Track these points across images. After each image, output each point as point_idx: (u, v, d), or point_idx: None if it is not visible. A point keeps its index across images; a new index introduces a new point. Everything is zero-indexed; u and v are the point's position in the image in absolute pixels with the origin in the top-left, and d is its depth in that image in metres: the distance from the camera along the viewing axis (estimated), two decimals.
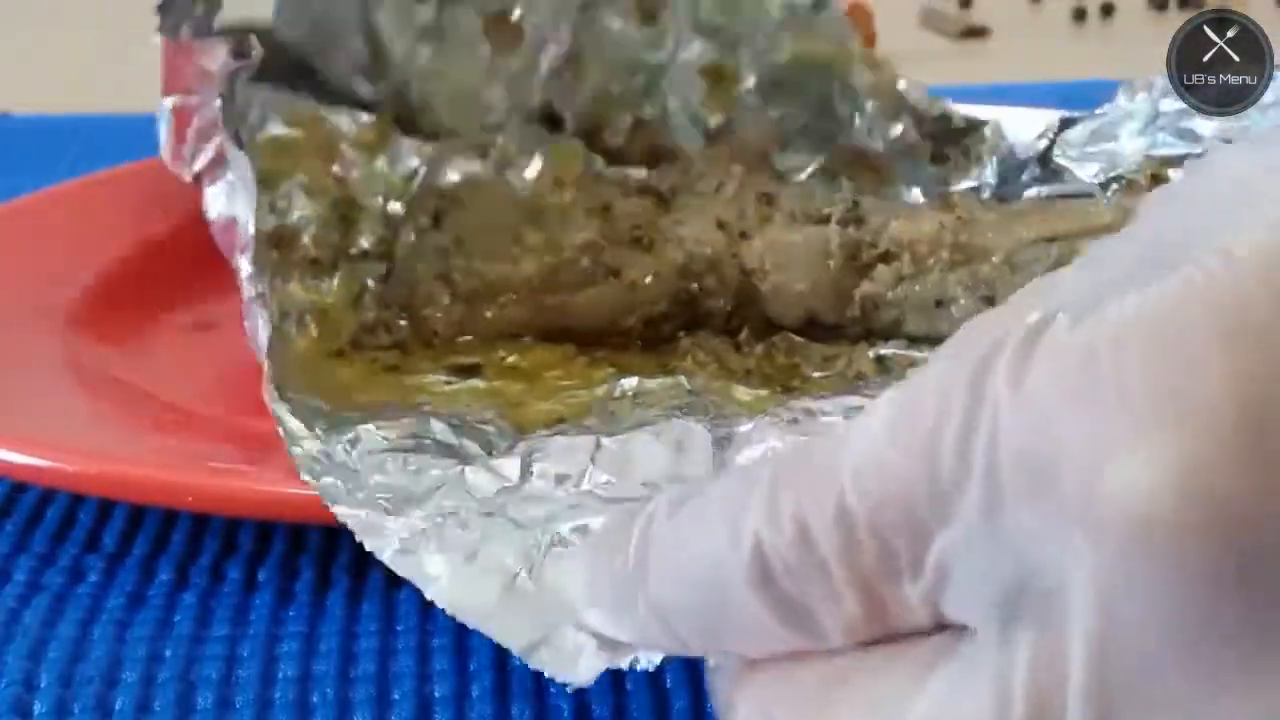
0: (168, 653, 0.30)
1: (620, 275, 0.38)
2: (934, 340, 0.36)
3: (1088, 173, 0.41)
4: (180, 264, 0.45)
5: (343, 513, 0.29)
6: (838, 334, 0.38)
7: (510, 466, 0.31)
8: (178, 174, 0.40)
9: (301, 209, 0.42)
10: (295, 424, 0.32)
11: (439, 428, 0.33)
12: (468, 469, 0.31)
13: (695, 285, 0.38)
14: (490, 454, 0.32)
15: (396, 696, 0.29)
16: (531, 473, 0.31)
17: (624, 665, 0.24)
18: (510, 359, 0.38)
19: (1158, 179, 0.39)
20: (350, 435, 0.32)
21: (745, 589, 0.19)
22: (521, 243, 0.40)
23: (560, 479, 0.31)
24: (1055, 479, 0.17)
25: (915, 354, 0.37)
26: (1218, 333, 0.16)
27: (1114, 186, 0.40)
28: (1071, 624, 0.17)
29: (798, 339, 0.39)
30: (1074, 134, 0.42)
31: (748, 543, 0.19)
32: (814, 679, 0.20)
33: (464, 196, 0.43)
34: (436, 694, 0.29)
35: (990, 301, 0.35)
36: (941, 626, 0.19)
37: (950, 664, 0.18)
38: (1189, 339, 0.16)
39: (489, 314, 0.39)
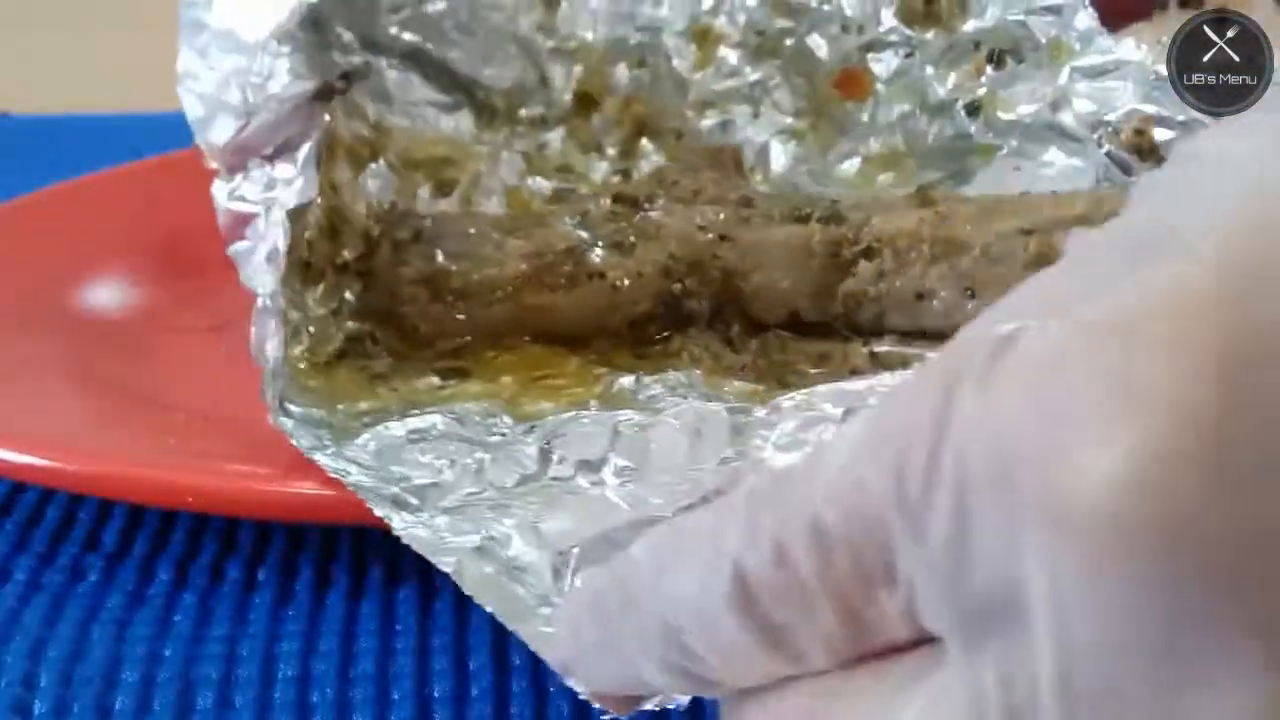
0: (167, 652, 0.30)
1: (604, 277, 0.38)
2: (921, 335, 0.37)
3: (1084, 107, 0.41)
4: (181, 264, 0.45)
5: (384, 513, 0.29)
6: (822, 331, 0.38)
7: (529, 454, 0.32)
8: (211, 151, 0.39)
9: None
10: (306, 440, 0.32)
11: (441, 422, 0.33)
12: (486, 458, 0.31)
13: (678, 285, 0.38)
14: (505, 439, 0.32)
15: (396, 696, 0.29)
16: (551, 459, 0.31)
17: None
18: (500, 359, 0.38)
19: (1141, 134, 0.39)
20: (360, 439, 0.32)
21: (728, 614, 0.19)
22: (503, 249, 0.40)
23: (581, 466, 0.31)
24: (1016, 484, 0.16)
25: (908, 350, 0.37)
26: (1175, 335, 0.16)
27: (1100, 131, 0.40)
28: (1036, 632, 0.16)
29: (788, 335, 0.39)
30: (1085, 62, 0.41)
31: (727, 568, 0.19)
32: (803, 701, 0.20)
33: (440, 217, 0.43)
34: (436, 694, 0.29)
35: (970, 294, 0.36)
36: (925, 641, 0.19)
37: (930, 680, 0.18)
38: (1148, 341, 0.16)
39: (473, 314, 0.39)
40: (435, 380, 0.37)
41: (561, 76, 0.47)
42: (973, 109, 0.43)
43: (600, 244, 0.39)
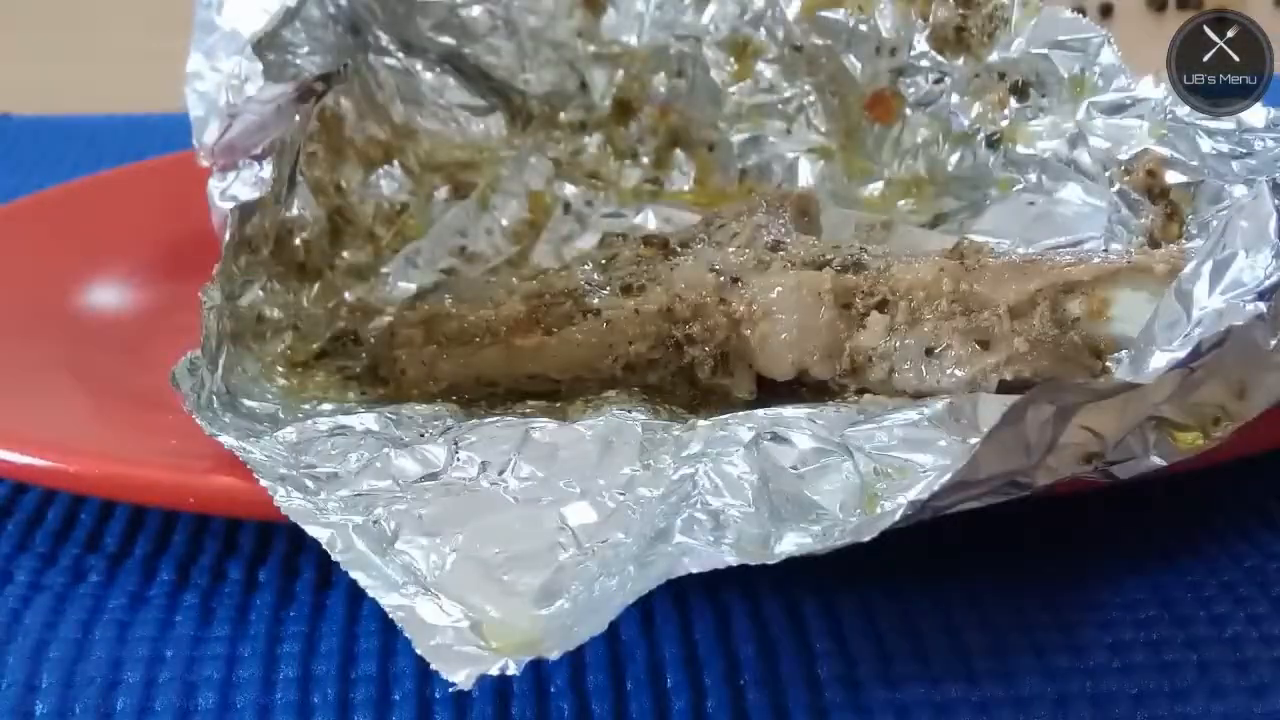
0: (169, 653, 0.30)
1: (599, 314, 0.37)
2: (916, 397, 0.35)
3: (1099, 144, 0.40)
4: (183, 265, 0.45)
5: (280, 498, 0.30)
6: (827, 395, 0.36)
7: (436, 453, 0.32)
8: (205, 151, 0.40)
9: (303, 207, 0.42)
10: (213, 424, 0.33)
11: (374, 422, 0.34)
12: (392, 453, 0.32)
13: (678, 331, 0.36)
14: (421, 438, 0.33)
15: (397, 697, 0.29)
16: (457, 458, 0.32)
17: (494, 672, 0.25)
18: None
19: (1153, 176, 0.38)
20: (284, 430, 0.33)
21: None
22: (508, 288, 0.40)
23: (484, 467, 0.31)
24: None
25: (892, 402, 0.35)
26: None
27: (1112, 170, 0.39)
28: None
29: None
30: (1104, 99, 0.41)
31: None
32: None
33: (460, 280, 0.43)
34: (437, 695, 0.29)
35: (984, 345, 0.34)
36: None
37: None
38: None
39: (461, 359, 0.38)
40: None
41: (602, 82, 0.47)
42: (993, 141, 0.43)
43: (608, 288, 0.38)
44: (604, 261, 0.40)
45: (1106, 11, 0.78)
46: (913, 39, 0.44)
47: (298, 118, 0.39)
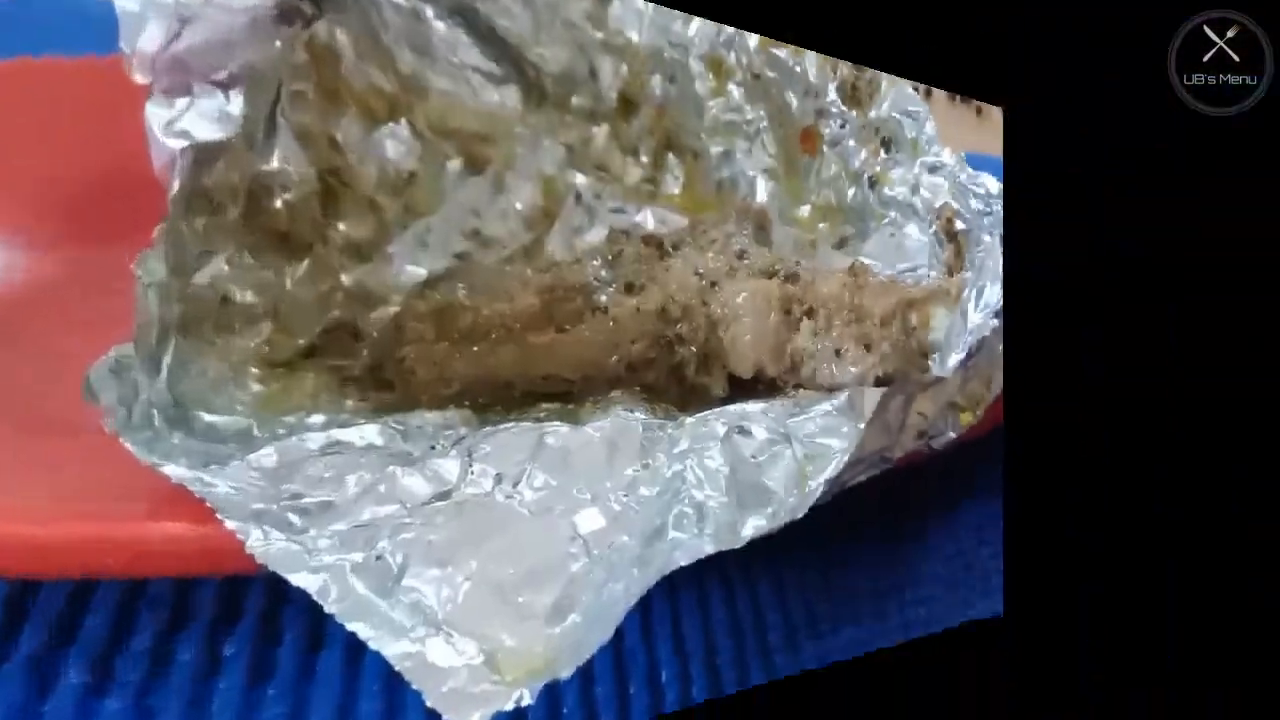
0: None
1: (606, 312, 0.39)
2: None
3: (925, 194, 0.46)
4: (100, 221, 0.38)
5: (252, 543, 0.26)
6: (777, 391, 0.41)
7: (449, 467, 0.31)
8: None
9: (286, 160, 0.36)
10: (155, 452, 0.28)
11: (377, 435, 0.31)
12: (399, 471, 0.30)
13: (670, 331, 0.40)
14: (431, 451, 0.32)
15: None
16: (471, 472, 0.31)
17: (509, 707, 0.24)
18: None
19: (950, 222, 0.45)
20: (260, 452, 0.29)
21: None
22: (526, 284, 0.39)
23: (498, 479, 0.31)
24: None
25: (818, 396, 0.40)
26: None
27: (930, 215, 0.46)
28: None
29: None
30: (927, 160, 0.47)
31: None
32: None
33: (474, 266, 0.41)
34: None
35: (868, 348, 0.41)
36: None
37: None
38: None
39: (476, 358, 0.36)
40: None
41: (609, 73, 0.48)
42: (872, 182, 0.50)
43: (613, 285, 0.40)
44: (610, 258, 0.42)
45: (927, 93, 0.90)
46: (828, 87, 0.50)
47: (278, 43, 0.33)
